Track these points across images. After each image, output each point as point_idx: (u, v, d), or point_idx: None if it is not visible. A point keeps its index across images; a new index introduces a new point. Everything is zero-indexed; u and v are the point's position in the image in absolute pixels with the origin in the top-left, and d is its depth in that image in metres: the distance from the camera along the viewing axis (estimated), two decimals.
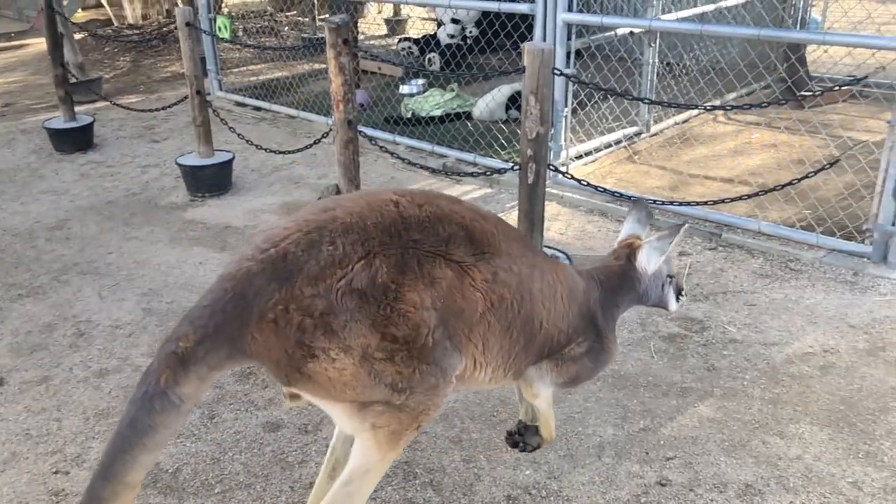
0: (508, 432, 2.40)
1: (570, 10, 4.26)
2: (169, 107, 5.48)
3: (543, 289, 2.01)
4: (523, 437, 2.36)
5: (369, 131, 5.67)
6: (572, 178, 3.72)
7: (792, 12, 6.40)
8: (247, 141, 4.77)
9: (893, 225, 3.51)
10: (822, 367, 2.91)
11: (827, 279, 3.54)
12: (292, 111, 6.36)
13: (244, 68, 8.02)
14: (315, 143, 4.35)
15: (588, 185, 3.73)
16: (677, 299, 2.38)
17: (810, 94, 4.79)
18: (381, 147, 4.17)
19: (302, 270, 1.66)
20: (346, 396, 1.75)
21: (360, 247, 1.70)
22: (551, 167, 3.38)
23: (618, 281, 2.28)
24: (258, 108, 6.66)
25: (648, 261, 2.26)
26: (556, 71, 3.06)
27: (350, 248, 1.70)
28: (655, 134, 5.58)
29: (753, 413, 2.69)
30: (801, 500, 2.30)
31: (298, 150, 4.59)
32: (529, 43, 3.14)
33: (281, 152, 4.82)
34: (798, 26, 6.47)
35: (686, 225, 2.33)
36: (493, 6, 4.80)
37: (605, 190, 3.86)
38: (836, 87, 4.11)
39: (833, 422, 2.62)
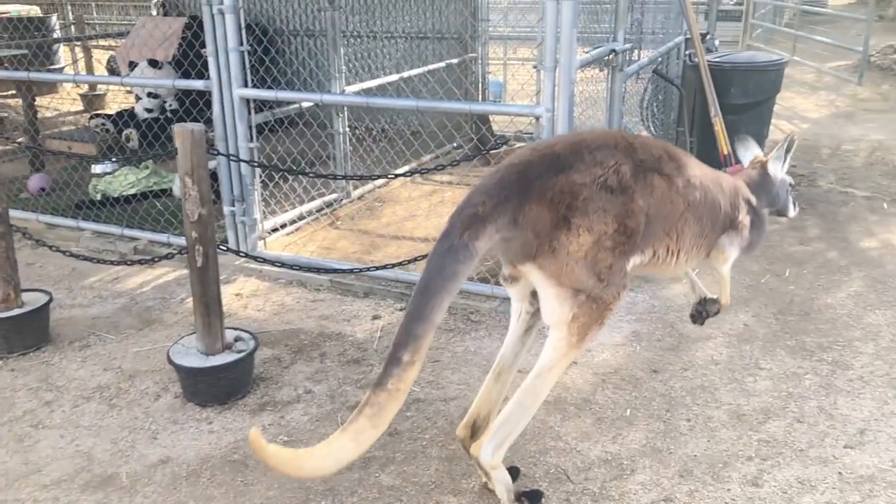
0: (691, 314, 3.09)
1: (245, 86, 4.23)
2: None
3: (713, 181, 2.67)
4: (705, 307, 3.04)
5: (48, 218, 5.21)
6: (256, 259, 3.65)
7: (473, 79, 6.99)
8: None
9: None
10: None
11: (502, 328, 3.77)
12: None
13: None
14: None
15: (278, 263, 3.69)
16: (794, 207, 3.17)
17: (496, 149, 5.19)
18: (38, 242, 3.80)
19: (572, 167, 2.23)
20: (569, 277, 2.23)
21: (611, 157, 2.28)
22: (223, 247, 3.28)
23: (760, 181, 3.02)
24: None
25: (775, 168, 3.05)
26: (213, 151, 3.00)
27: (603, 157, 2.28)
28: (357, 199, 5.73)
29: (431, 474, 2.75)
30: None
31: None
32: (179, 125, 3.04)
33: None
34: (480, 93, 7.07)
35: (795, 135, 3.08)
36: (168, 83, 4.64)
37: (292, 266, 3.84)
38: (502, 146, 4.53)
39: None
